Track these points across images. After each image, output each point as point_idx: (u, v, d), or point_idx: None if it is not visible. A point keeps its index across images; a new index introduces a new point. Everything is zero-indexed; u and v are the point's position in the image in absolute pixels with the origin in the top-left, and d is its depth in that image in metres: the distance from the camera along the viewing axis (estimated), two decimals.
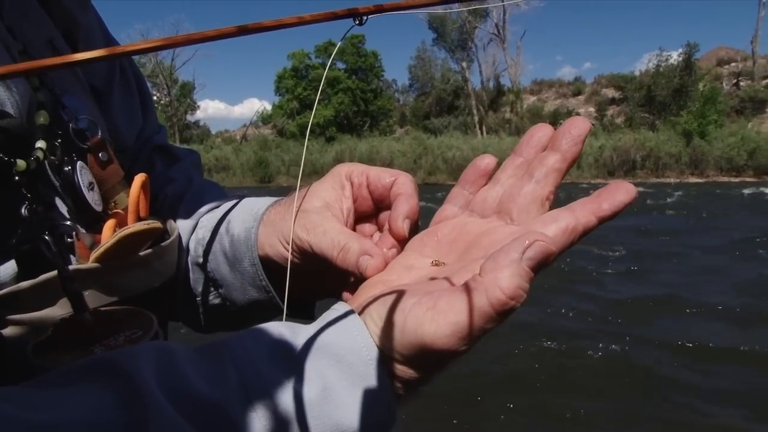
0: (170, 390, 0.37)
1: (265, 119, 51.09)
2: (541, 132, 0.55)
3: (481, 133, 40.72)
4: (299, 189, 0.61)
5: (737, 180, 28.18)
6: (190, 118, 47.34)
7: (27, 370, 0.46)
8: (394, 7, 0.39)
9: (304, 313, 0.71)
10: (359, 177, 0.63)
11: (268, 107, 51.79)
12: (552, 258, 0.42)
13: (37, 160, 0.51)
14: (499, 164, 0.59)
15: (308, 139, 0.78)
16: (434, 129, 40.16)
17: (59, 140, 0.56)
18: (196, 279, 0.72)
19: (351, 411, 0.41)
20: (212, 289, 0.72)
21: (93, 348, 0.52)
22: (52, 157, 0.54)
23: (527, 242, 0.40)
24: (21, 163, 0.49)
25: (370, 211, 0.64)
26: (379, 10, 0.37)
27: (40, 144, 0.52)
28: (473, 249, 0.50)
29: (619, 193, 0.46)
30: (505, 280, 0.40)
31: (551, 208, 0.51)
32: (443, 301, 0.41)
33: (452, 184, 0.60)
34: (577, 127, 0.52)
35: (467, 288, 0.41)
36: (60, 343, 0.51)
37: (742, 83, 43.02)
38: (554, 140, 0.53)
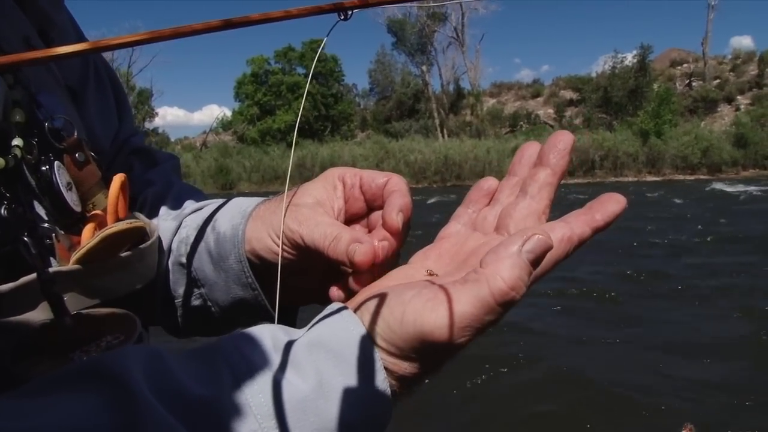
0: (161, 391, 0.36)
1: (225, 125, 50.50)
2: (530, 150, 0.57)
3: (443, 136, 40.89)
4: (287, 189, 0.61)
5: (692, 178, 28.93)
6: (148, 125, 46.30)
7: (5, 377, 0.45)
8: (379, 1, 0.39)
9: (287, 318, 0.65)
10: (352, 178, 0.63)
11: (228, 113, 51.34)
12: (552, 259, 0.45)
13: (15, 158, 0.50)
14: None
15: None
16: (395, 133, 40.20)
17: (35, 139, 0.55)
18: (176, 280, 0.69)
19: (347, 406, 0.41)
20: (194, 289, 0.69)
21: (73, 355, 0.50)
22: (29, 157, 0.53)
23: (525, 237, 0.42)
24: (0, 161, 0.47)
25: (361, 212, 0.64)
26: (364, 5, 0.37)
27: (17, 141, 0.51)
28: (471, 257, 0.51)
29: (610, 203, 0.49)
30: (506, 271, 0.41)
31: (548, 221, 0.53)
32: (444, 292, 0.42)
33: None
34: (563, 141, 0.54)
35: (468, 279, 0.42)
36: (39, 349, 0.49)
37: (694, 84, 44.28)
38: (542, 155, 0.54)
